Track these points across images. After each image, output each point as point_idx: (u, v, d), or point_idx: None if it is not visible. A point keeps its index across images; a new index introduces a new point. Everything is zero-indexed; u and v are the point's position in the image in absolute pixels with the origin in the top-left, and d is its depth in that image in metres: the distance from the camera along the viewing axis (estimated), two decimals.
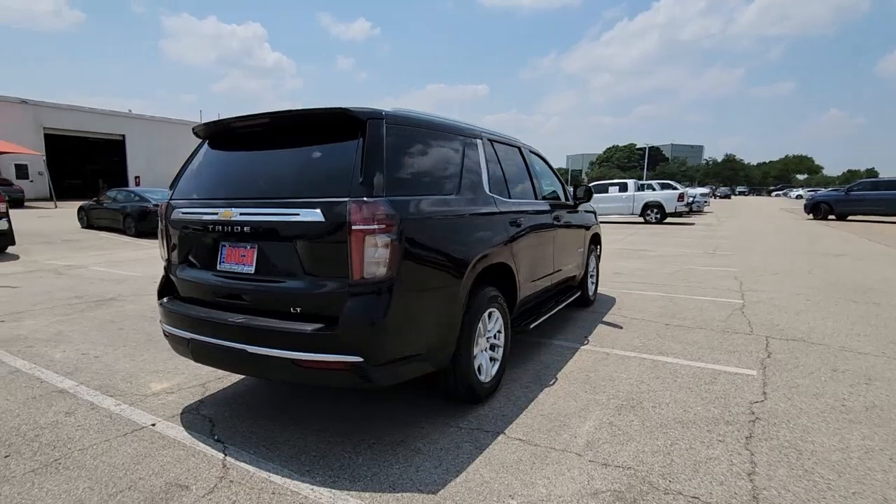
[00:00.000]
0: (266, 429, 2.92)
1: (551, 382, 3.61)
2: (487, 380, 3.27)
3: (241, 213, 2.61)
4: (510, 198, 3.74)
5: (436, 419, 3.01)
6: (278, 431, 2.89)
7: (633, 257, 10.34)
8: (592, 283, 6.12)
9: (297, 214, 2.44)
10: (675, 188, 23.62)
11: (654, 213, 19.68)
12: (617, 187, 20.70)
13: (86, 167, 33.20)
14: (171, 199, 3.05)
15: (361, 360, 2.35)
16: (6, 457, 2.61)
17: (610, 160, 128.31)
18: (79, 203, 17.03)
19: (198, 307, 2.81)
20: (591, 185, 7.68)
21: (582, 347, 4.40)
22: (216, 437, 2.81)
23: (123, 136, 30.78)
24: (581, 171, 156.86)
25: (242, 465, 2.54)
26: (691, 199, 25.36)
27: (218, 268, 2.75)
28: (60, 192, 26.14)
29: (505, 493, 2.30)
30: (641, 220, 20.00)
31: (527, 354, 4.19)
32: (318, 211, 2.39)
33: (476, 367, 3.13)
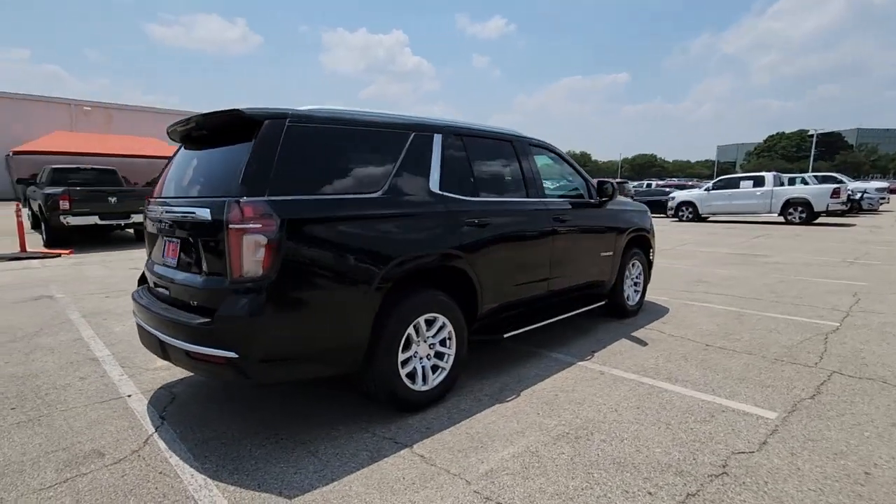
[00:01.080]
0: (210, 412, 3.14)
1: (509, 399, 3.30)
2: (425, 388, 3.11)
3: (166, 211, 2.84)
4: (476, 196, 3.48)
5: (357, 424, 2.95)
6: (216, 416, 3.08)
7: (735, 263, 8.91)
8: (636, 291, 5.42)
9: (194, 213, 2.58)
10: (840, 182, 19.78)
11: (799, 212, 16.65)
12: (751, 181, 17.94)
13: None
14: (147, 197, 3.42)
15: (236, 356, 2.40)
16: (13, 408, 3.19)
17: (772, 150, 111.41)
18: None
19: (148, 296, 3.13)
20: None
21: (579, 363, 3.93)
22: (162, 414, 3.11)
23: None
24: (735, 162, 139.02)
25: (160, 442, 2.76)
26: (857, 194, 21.04)
27: (161, 261, 3.02)
28: None
29: None
30: (782, 219, 17.08)
31: (507, 365, 3.88)
32: (207, 210, 2.50)
33: (404, 374, 2.99)
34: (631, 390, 3.41)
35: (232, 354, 2.40)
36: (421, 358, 3.14)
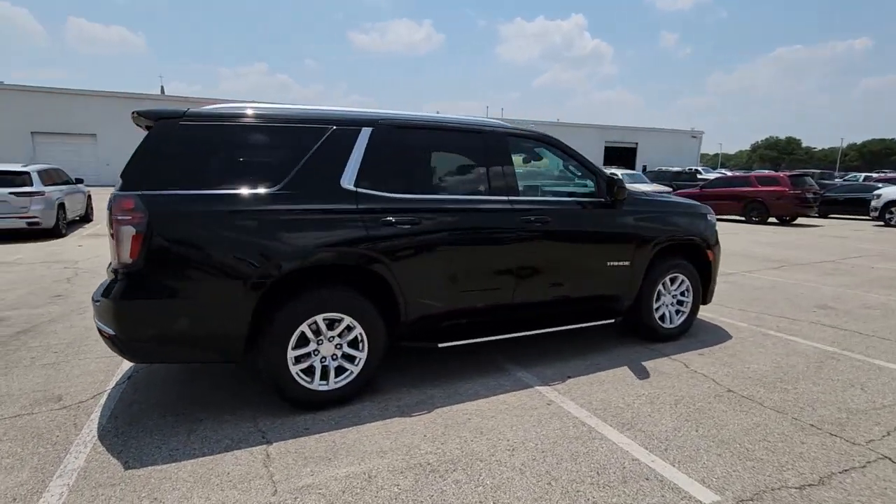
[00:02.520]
0: (166, 382, 3.55)
1: (416, 413, 3.04)
2: (325, 388, 3.06)
3: None
4: (407, 194, 3.24)
5: (253, 413, 3.04)
6: (166, 386, 3.46)
7: None
8: (678, 311, 4.44)
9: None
10: None
11: None
12: None
13: None
14: None
15: (113, 333, 2.68)
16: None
17: None
18: None
19: None
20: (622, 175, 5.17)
21: (537, 388, 3.41)
22: (130, 375, 3.62)
23: None
24: None
25: (103, 398, 3.24)
26: None
27: None
28: None
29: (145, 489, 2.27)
30: None
31: (455, 377, 3.56)
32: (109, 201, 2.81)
33: (298, 371, 2.98)
34: (560, 430, 2.85)
35: (111, 331, 2.69)
36: (324, 357, 3.08)
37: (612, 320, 4.05)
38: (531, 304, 3.74)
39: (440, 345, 3.37)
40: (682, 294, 4.46)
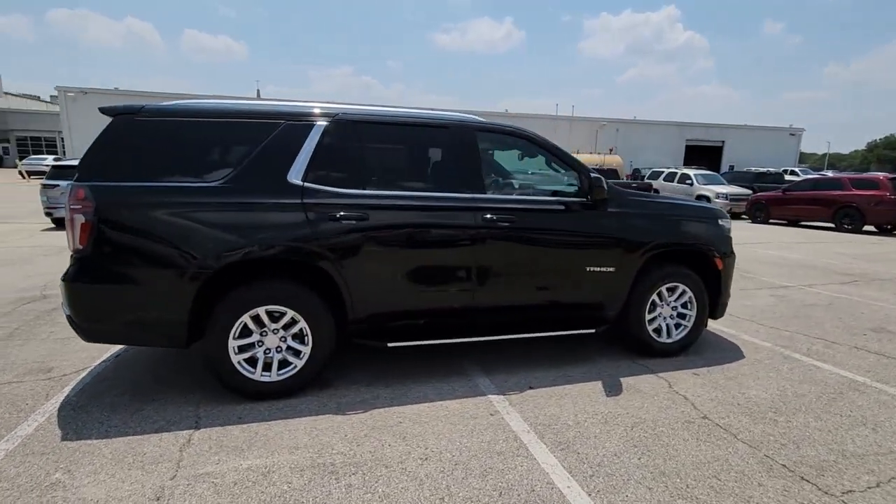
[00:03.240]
0: (147, 361, 3.80)
1: (349, 412, 3.00)
2: (267, 379, 3.11)
3: None
4: (358, 189, 3.19)
5: (197, 398, 3.15)
6: (143, 366, 3.70)
7: None
8: (677, 325, 4.02)
9: None
10: None
11: None
12: None
13: None
14: None
15: (69, 314, 2.90)
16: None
17: None
18: None
19: None
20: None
21: (490, 396, 3.23)
22: (118, 354, 3.91)
23: None
24: None
25: (83, 373, 3.52)
26: None
27: None
28: None
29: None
30: None
31: (410, 379, 3.47)
32: None
33: (240, 360, 3.05)
34: (487, 444, 2.67)
35: (66, 312, 2.91)
36: (268, 349, 3.13)
37: (594, 330, 3.74)
38: (495, 307, 3.55)
39: (389, 344, 3.30)
40: (684, 306, 4.03)
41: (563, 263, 3.64)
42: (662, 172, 21.50)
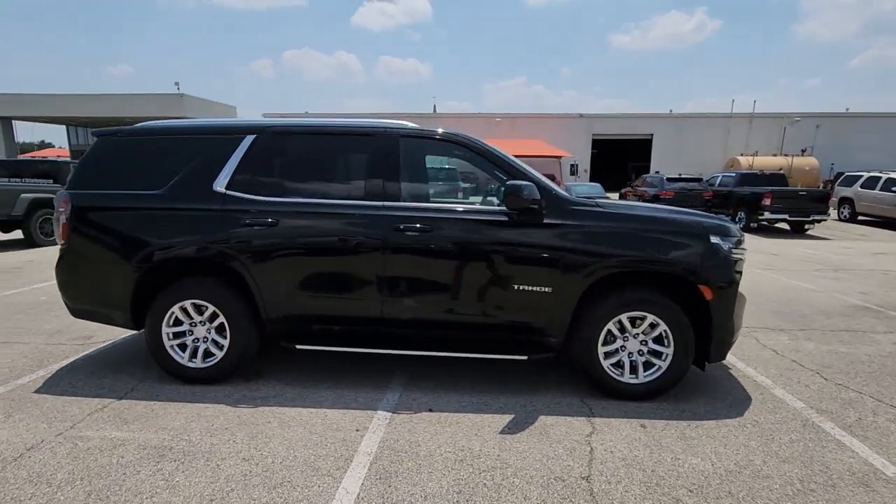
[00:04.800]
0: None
1: (205, 400, 3.18)
2: (194, 366, 3.48)
3: None
4: (273, 197, 3.36)
5: (147, 375, 3.68)
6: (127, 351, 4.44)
7: None
8: (647, 364, 3.29)
9: None
10: None
11: None
12: None
13: (627, 164, 38.80)
14: None
15: (61, 296, 3.66)
16: None
17: None
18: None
19: None
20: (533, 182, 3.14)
21: (372, 412, 3.10)
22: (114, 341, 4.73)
23: (652, 134, 34.02)
24: None
25: (79, 355, 4.38)
26: None
27: None
28: (608, 186, 31.85)
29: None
30: None
31: (323, 384, 3.51)
32: None
33: (173, 346, 3.48)
34: (316, 457, 2.60)
35: (62, 295, 3.68)
36: (197, 339, 3.51)
37: (525, 357, 3.30)
38: (406, 321, 3.37)
39: (298, 346, 3.40)
40: (658, 342, 3.28)
41: (484, 280, 3.29)
42: (880, 179, 16.11)
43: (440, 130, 3.50)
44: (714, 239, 3.22)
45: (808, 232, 14.33)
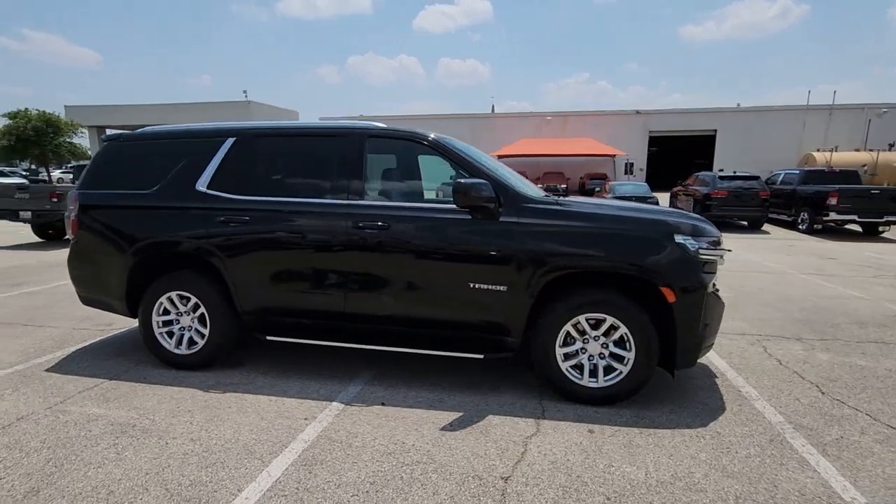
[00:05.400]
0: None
1: (176, 384, 3.41)
2: (180, 352, 3.76)
3: None
4: (246, 196, 3.56)
5: (141, 360, 4.01)
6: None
7: None
8: (608, 368, 3.17)
9: None
10: None
11: None
12: None
13: (688, 162, 36.70)
14: None
15: (74, 286, 4.08)
16: None
17: None
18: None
19: None
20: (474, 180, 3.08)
21: (325, 402, 3.21)
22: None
23: (715, 130, 31.93)
24: None
25: (124, 328, 4.81)
26: None
27: None
28: (660, 183, 30.22)
29: None
30: None
31: (294, 375, 3.67)
32: None
33: (162, 333, 3.77)
34: (256, 441, 2.74)
35: (73, 285, 4.09)
36: (182, 328, 3.78)
37: (482, 356, 3.28)
38: (366, 316, 3.46)
39: (268, 338, 3.59)
40: (619, 345, 3.16)
41: (440, 277, 3.31)
42: None
43: (405, 130, 3.56)
44: (679, 238, 3.05)
45: (884, 234, 12.99)
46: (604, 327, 3.15)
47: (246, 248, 3.56)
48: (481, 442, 2.76)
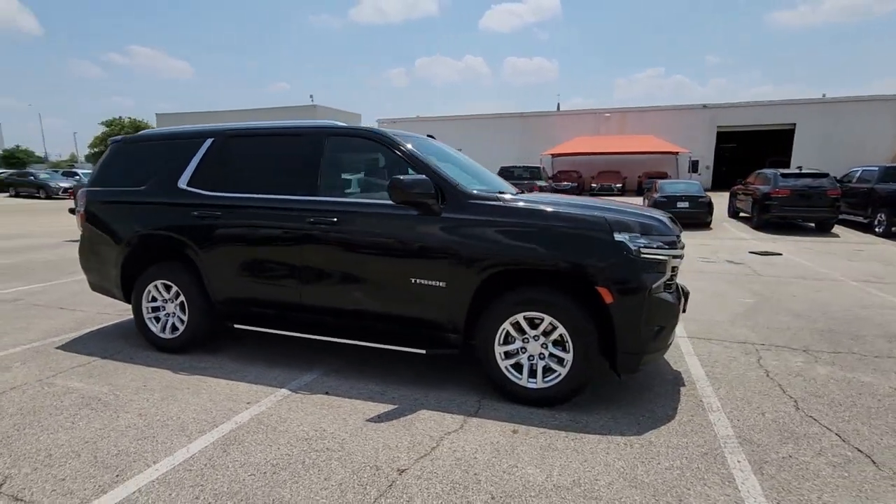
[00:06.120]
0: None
1: (156, 366, 3.68)
2: (164, 336, 4.09)
3: None
4: (218, 192, 3.81)
5: (133, 343, 4.39)
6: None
7: None
8: (547, 369, 3.08)
9: None
10: None
11: None
12: None
13: (764, 159, 33.86)
14: None
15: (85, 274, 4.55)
16: None
17: None
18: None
19: None
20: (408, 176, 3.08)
21: (273, 389, 3.37)
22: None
23: (794, 124, 29.17)
24: None
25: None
26: None
27: None
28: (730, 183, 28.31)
29: None
30: None
31: (265, 363, 3.87)
32: None
33: (149, 319, 4.13)
34: (193, 420, 2.94)
35: (84, 273, 4.56)
36: (168, 314, 4.11)
37: (423, 351, 3.30)
38: (320, 308, 3.58)
39: (235, 326, 3.81)
40: (557, 346, 3.06)
41: (384, 271, 3.37)
42: None
43: (361, 128, 3.66)
44: (619, 237, 2.91)
45: None
46: (542, 327, 3.07)
47: (216, 241, 3.80)
48: (399, 434, 2.79)
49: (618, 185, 27.39)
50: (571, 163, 31.52)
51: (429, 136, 4.41)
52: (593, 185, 28.03)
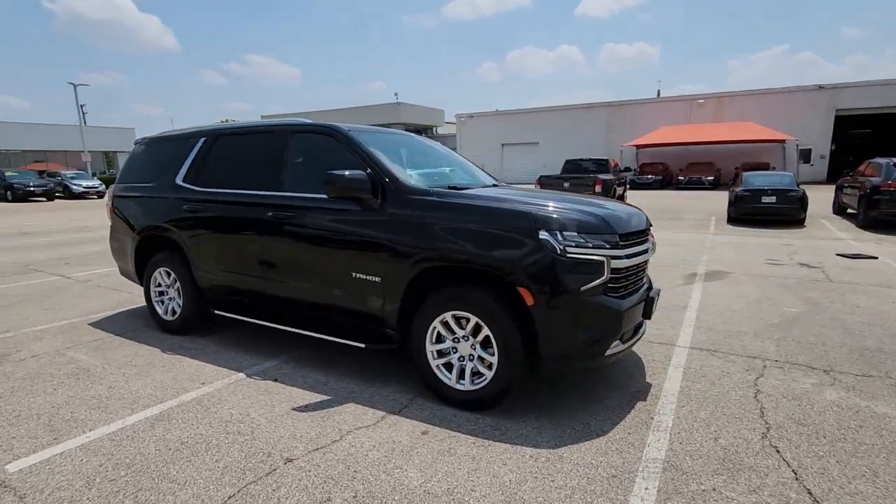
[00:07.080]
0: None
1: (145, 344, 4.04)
2: (168, 319, 4.52)
3: None
4: (204, 188, 4.11)
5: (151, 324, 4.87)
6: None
7: None
8: (475, 373, 2.95)
9: None
10: None
11: None
12: None
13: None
14: None
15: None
16: None
17: None
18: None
19: None
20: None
21: (233, 372, 3.57)
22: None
23: None
24: None
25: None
26: None
27: None
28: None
29: None
30: None
31: (255, 347, 4.12)
32: None
33: (156, 301, 4.58)
34: (148, 395, 3.23)
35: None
36: (171, 298, 4.53)
37: (363, 345, 3.31)
38: (279, 299, 3.73)
39: (216, 312, 4.11)
40: (485, 347, 2.91)
41: (329, 265, 3.43)
42: None
43: (322, 124, 3.74)
44: (544, 235, 2.69)
45: None
46: (469, 326, 2.94)
47: (199, 233, 4.12)
48: (311, 425, 2.84)
49: (709, 178, 25.10)
50: (660, 154, 29.42)
51: (415, 131, 4.41)
52: (680, 177, 25.93)
